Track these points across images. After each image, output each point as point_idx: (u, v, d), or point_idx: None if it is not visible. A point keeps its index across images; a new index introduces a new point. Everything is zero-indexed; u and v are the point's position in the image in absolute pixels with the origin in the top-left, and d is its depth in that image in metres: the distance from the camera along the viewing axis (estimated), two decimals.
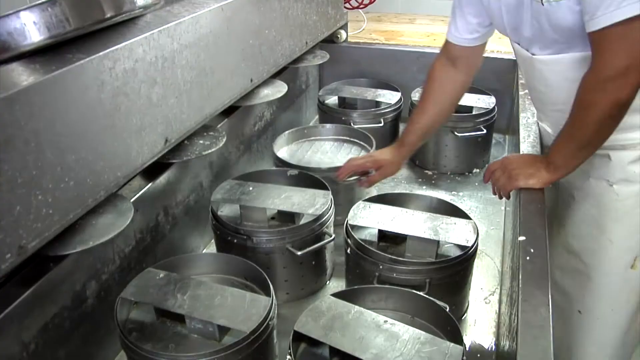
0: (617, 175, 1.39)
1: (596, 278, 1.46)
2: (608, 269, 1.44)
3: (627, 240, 1.42)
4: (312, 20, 2.01)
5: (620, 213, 1.40)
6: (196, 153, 1.36)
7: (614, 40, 1.10)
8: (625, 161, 1.37)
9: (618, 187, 1.39)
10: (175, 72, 1.21)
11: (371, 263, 1.29)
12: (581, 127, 1.21)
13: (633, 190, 1.38)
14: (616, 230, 1.41)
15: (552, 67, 1.32)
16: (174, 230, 1.50)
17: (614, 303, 1.47)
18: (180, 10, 1.27)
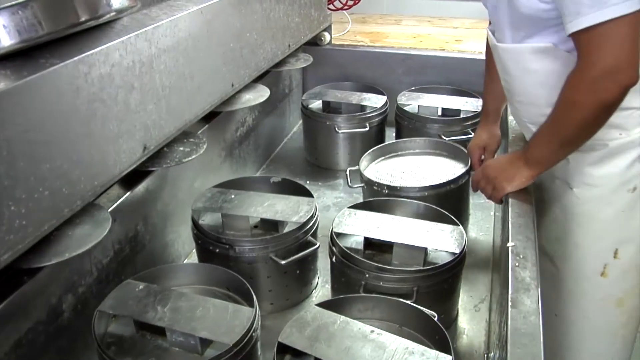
0: (576, 178, 1.41)
1: (567, 282, 1.48)
2: (577, 275, 1.46)
3: (593, 246, 1.43)
4: (294, 23, 2.02)
5: (582, 217, 1.42)
6: (176, 160, 1.35)
7: (599, 40, 1.11)
8: (583, 164, 1.39)
9: (578, 191, 1.41)
10: (154, 77, 1.21)
11: (357, 272, 1.30)
12: (564, 125, 1.23)
13: (593, 193, 1.39)
14: (581, 235, 1.44)
15: (512, 56, 1.35)
16: (154, 240, 1.49)
17: (587, 310, 1.49)
18: (158, 13, 1.27)
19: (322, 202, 1.97)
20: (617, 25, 1.08)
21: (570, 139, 1.25)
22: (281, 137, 2.43)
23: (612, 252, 1.43)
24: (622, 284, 1.46)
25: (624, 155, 1.36)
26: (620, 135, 1.35)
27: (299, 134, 2.46)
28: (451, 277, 1.32)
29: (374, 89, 2.32)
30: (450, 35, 2.78)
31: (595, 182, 1.39)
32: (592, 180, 1.39)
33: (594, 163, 1.38)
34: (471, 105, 2.15)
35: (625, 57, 1.10)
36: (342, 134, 2.11)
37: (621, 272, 1.45)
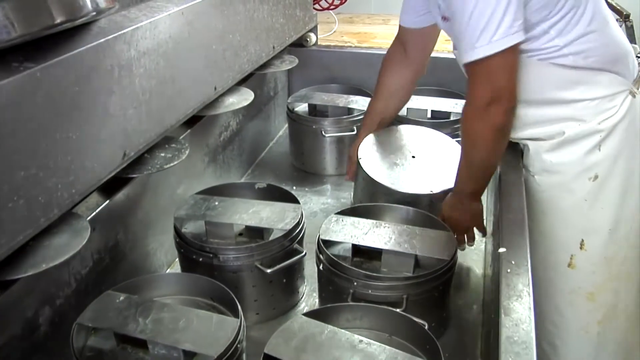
0: (536, 165, 1.50)
1: (537, 273, 1.49)
2: (545, 264, 1.52)
3: (558, 235, 1.49)
4: (279, 23, 2.02)
5: (545, 205, 1.49)
6: (157, 167, 1.35)
7: (479, 73, 1.28)
8: (540, 151, 1.47)
9: (539, 178, 1.49)
10: (133, 80, 1.21)
11: (345, 280, 1.30)
12: (472, 153, 1.38)
13: (553, 180, 1.46)
14: (546, 223, 1.50)
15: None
16: (135, 250, 1.49)
17: (558, 303, 1.54)
18: (137, 14, 1.27)
19: (309, 208, 1.97)
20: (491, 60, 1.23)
21: (483, 164, 1.39)
22: (266, 142, 2.43)
23: (578, 242, 1.48)
24: (592, 277, 1.51)
25: (582, 142, 1.44)
26: (579, 125, 1.43)
27: (284, 138, 2.46)
28: (442, 285, 1.33)
29: (361, 91, 2.32)
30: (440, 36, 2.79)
31: (554, 169, 1.47)
32: (550, 167, 1.47)
33: (551, 150, 1.46)
34: (461, 107, 2.16)
35: (505, 84, 1.27)
36: (329, 138, 2.12)
37: (589, 265, 1.49)
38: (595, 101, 1.42)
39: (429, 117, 2.19)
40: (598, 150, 1.44)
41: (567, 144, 1.45)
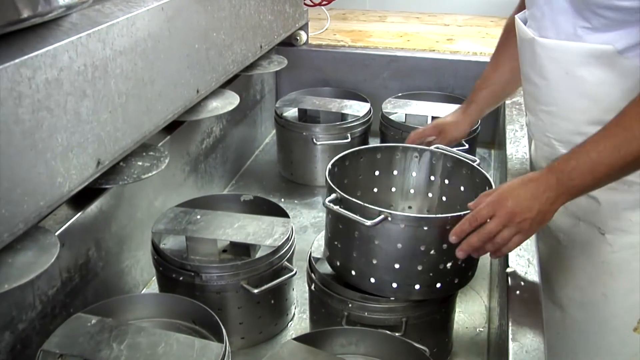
0: (609, 223, 1.34)
1: (588, 336, 1.43)
2: (603, 328, 1.41)
3: (626, 298, 1.37)
4: (267, 21, 2.02)
5: (615, 266, 1.36)
6: (134, 177, 1.35)
7: None
8: (618, 207, 1.32)
9: (611, 237, 1.35)
10: (108, 82, 1.21)
11: (339, 301, 1.30)
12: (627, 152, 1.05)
13: (629, 241, 1.33)
14: (611, 285, 1.38)
15: (555, 55, 1.25)
16: (108, 268, 1.48)
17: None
18: (113, 9, 1.27)
19: (299, 222, 1.97)
20: None
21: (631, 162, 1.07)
22: (252, 150, 2.43)
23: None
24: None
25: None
26: None
27: (272, 146, 2.46)
28: (444, 307, 1.33)
29: (356, 96, 2.33)
30: (442, 34, 2.81)
31: (633, 229, 1.32)
32: (629, 226, 1.32)
33: (632, 207, 1.31)
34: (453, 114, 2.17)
35: None
36: (320, 146, 2.12)
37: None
38: None
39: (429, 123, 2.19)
40: None
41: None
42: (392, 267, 1.22)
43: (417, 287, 1.23)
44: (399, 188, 1.55)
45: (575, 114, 1.27)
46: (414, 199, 1.54)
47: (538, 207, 1.10)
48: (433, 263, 1.21)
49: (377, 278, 1.25)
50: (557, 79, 1.27)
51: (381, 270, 1.24)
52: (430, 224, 1.19)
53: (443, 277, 1.23)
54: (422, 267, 1.22)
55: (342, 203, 1.25)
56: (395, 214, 1.18)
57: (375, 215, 1.18)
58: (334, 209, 1.24)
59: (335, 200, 1.26)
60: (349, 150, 1.50)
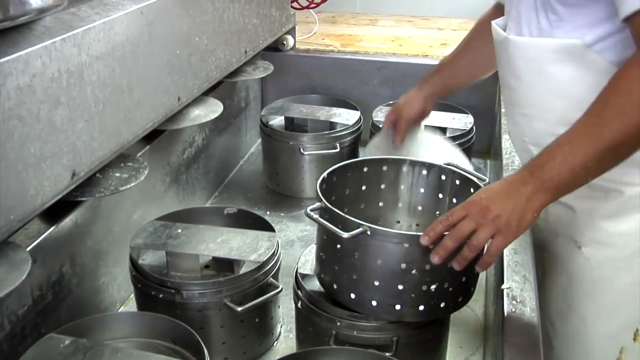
0: (585, 234, 1.32)
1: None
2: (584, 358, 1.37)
3: (606, 323, 1.34)
4: (252, 25, 2.03)
5: (593, 286, 1.34)
6: (111, 189, 1.34)
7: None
8: (595, 216, 1.30)
9: (588, 251, 1.32)
10: (84, 89, 1.20)
11: (327, 319, 1.29)
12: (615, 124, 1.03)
13: (607, 256, 1.31)
14: (591, 307, 1.35)
15: (526, 53, 1.26)
16: (83, 285, 1.47)
17: None
18: (89, 13, 1.27)
19: (286, 236, 1.96)
20: None
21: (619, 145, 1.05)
22: (236, 160, 2.43)
23: (632, 332, 1.34)
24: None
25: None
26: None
27: (257, 156, 2.46)
28: (437, 325, 1.33)
29: (345, 103, 2.34)
30: (435, 38, 2.83)
31: (611, 241, 1.29)
32: (606, 238, 1.30)
33: (609, 216, 1.28)
34: (459, 122, 2.18)
35: None
36: (307, 156, 2.12)
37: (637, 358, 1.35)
38: None
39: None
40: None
41: (631, 208, 1.26)
42: (372, 284, 1.22)
43: (398, 308, 1.22)
44: (406, 204, 1.53)
45: (550, 114, 1.27)
46: (421, 217, 1.52)
47: (513, 204, 1.08)
48: (415, 283, 1.20)
49: (357, 294, 1.24)
50: (530, 78, 1.28)
51: (361, 286, 1.23)
52: (411, 241, 1.17)
53: (427, 300, 1.22)
54: (403, 287, 1.20)
55: (326, 213, 1.25)
56: (374, 228, 1.17)
57: (354, 228, 1.18)
58: (313, 217, 1.24)
59: (320, 210, 1.26)
60: (352, 160, 1.50)
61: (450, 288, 1.22)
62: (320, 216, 1.26)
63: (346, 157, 2.14)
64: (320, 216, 1.26)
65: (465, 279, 1.23)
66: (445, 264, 1.17)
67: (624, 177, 1.23)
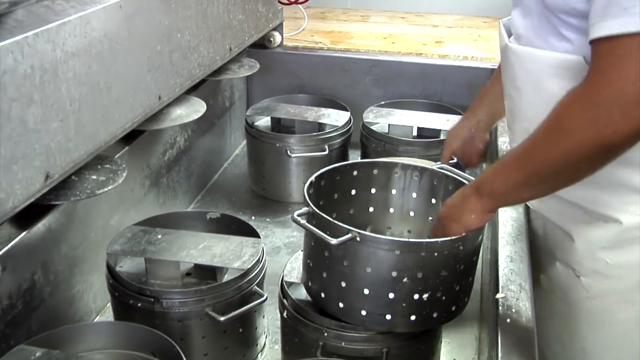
0: (584, 264, 1.32)
1: None
2: None
3: (608, 354, 1.35)
4: (237, 21, 2.03)
5: (593, 316, 1.34)
6: (87, 192, 1.34)
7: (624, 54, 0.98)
8: (594, 246, 1.30)
9: (587, 281, 1.32)
10: (59, 87, 1.20)
11: (313, 329, 1.29)
12: (541, 154, 1.09)
13: (607, 287, 1.30)
14: (590, 338, 1.35)
15: (525, 64, 1.26)
16: (57, 294, 1.47)
17: None
18: (64, 6, 1.26)
19: (271, 242, 1.97)
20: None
21: (543, 175, 1.11)
22: (220, 162, 2.43)
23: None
24: None
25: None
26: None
27: (242, 158, 2.47)
28: (429, 336, 1.33)
29: (334, 104, 2.34)
30: (429, 36, 2.84)
31: (611, 272, 1.29)
32: (606, 270, 1.29)
33: (609, 247, 1.28)
34: (454, 123, 2.18)
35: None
36: (295, 159, 2.12)
37: None
38: None
39: (415, 135, 2.21)
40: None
41: (633, 239, 1.25)
42: (362, 293, 1.22)
43: (388, 317, 1.23)
44: (397, 209, 1.53)
45: None
46: (413, 223, 1.53)
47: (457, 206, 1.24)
48: (406, 292, 1.20)
49: (345, 303, 1.25)
50: (528, 91, 1.29)
51: (350, 295, 1.24)
52: (402, 248, 1.18)
53: (418, 309, 1.23)
54: (394, 296, 1.21)
55: (314, 219, 1.25)
56: (363, 234, 1.18)
57: (343, 234, 1.18)
58: (300, 223, 1.24)
59: (307, 215, 1.26)
60: (343, 163, 1.50)
61: (443, 297, 1.22)
62: (308, 221, 1.26)
63: (335, 160, 2.15)
64: (308, 221, 1.26)
65: (458, 287, 1.24)
66: (438, 271, 1.17)
67: (621, 204, 1.24)
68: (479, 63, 2.46)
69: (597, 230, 1.28)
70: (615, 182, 1.22)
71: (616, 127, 0.98)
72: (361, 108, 2.28)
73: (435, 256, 1.18)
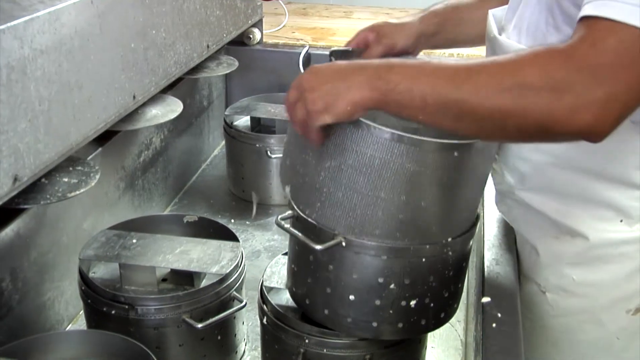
0: (550, 279, 1.30)
1: None
2: None
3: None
4: (215, 17, 2.03)
5: (559, 334, 1.32)
6: (58, 195, 1.33)
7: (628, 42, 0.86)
8: (559, 261, 1.28)
9: (553, 298, 1.30)
10: (27, 86, 1.19)
11: (294, 336, 1.29)
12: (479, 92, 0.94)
13: (573, 305, 1.28)
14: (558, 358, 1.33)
15: None
16: (26, 301, 1.46)
17: None
18: (32, 1, 1.26)
19: (251, 246, 1.96)
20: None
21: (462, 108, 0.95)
22: (198, 163, 2.42)
23: None
24: None
25: (624, 257, 1.22)
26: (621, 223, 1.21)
27: (220, 159, 2.46)
28: (413, 342, 1.33)
29: None
30: None
31: (578, 290, 1.27)
32: (573, 287, 1.27)
33: (576, 263, 1.26)
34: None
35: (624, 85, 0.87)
36: (275, 160, 2.11)
37: None
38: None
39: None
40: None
41: (601, 258, 1.23)
42: (347, 299, 1.22)
43: (374, 325, 1.22)
44: None
45: None
46: None
47: (331, 84, 1.01)
48: (393, 299, 1.20)
49: (330, 310, 1.24)
50: None
51: (335, 301, 1.23)
52: (389, 253, 1.17)
53: (406, 317, 1.22)
54: (380, 302, 1.20)
55: (298, 222, 1.25)
56: (349, 240, 1.17)
57: (329, 239, 1.18)
58: (284, 227, 1.24)
59: (292, 219, 1.26)
60: None
61: (432, 304, 1.22)
62: (292, 225, 1.25)
63: None
64: (292, 225, 1.25)
65: (447, 294, 1.24)
66: (426, 278, 1.17)
67: (590, 219, 1.22)
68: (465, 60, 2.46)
69: (564, 245, 1.25)
70: (587, 195, 1.20)
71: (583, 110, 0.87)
72: None
73: (423, 262, 1.18)
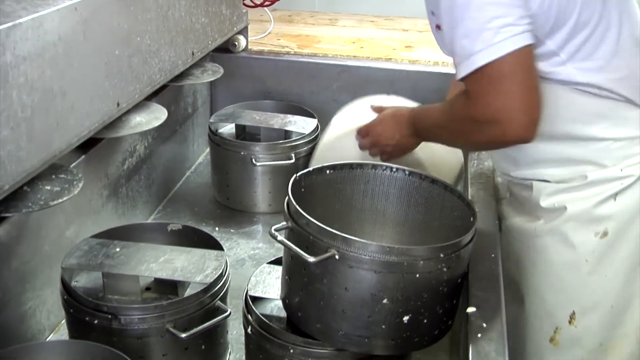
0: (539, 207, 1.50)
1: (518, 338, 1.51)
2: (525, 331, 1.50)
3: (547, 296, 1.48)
4: (200, 24, 2.03)
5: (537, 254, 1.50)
6: (40, 203, 1.32)
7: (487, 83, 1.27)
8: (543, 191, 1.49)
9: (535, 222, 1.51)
10: (9, 93, 1.19)
11: (279, 346, 1.29)
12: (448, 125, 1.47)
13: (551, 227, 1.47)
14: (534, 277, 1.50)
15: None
16: (6, 311, 1.45)
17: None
18: (15, 7, 1.25)
19: (236, 254, 1.96)
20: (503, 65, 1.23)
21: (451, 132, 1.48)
22: (182, 171, 2.42)
23: (568, 314, 1.45)
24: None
25: (596, 187, 1.43)
26: (597, 171, 1.44)
27: (205, 167, 2.46)
28: None
29: (301, 110, 2.34)
30: (399, 40, 2.85)
31: (555, 214, 1.46)
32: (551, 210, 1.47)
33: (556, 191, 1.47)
34: None
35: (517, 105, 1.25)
36: (260, 167, 2.12)
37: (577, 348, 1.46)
38: (621, 142, 1.42)
39: None
40: (613, 200, 1.42)
41: (579, 187, 1.45)
42: (340, 313, 1.22)
43: (367, 339, 1.23)
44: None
45: None
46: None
47: (398, 137, 1.64)
48: (386, 314, 1.20)
49: (323, 323, 1.24)
50: None
51: (328, 314, 1.23)
52: (382, 268, 1.17)
53: (399, 332, 1.23)
54: (372, 317, 1.21)
55: (292, 233, 1.25)
56: (342, 252, 1.17)
57: (322, 251, 1.18)
58: (277, 239, 1.24)
59: (287, 230, 1.26)
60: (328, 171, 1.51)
61: (425, 320, 1.22)
62: (286, 237, 1.25)
63: (302, 169, 2.14)
64: (286, 237, 1.25)
65: (442, 310, 1.24)
66: (420, 293, 1.18)
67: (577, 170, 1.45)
68: (450, 69, 2.43)
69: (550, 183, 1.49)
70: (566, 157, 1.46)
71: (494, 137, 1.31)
72: (329, 115, 2.26)
73: (417, 277, 1.18)
